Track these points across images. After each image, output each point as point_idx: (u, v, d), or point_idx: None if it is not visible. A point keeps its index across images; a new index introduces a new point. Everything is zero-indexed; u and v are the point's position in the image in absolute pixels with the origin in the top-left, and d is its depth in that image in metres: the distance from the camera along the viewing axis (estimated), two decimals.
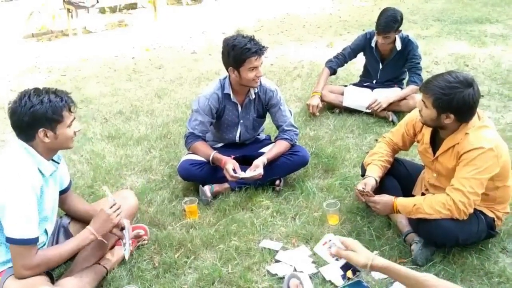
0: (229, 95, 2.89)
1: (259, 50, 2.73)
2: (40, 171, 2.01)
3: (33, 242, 1.93)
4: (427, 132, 2.40)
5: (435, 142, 2.39)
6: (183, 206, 2.78)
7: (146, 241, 2.54)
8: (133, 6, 9.33)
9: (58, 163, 2.17)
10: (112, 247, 2.40)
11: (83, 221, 2.29)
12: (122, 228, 2.27)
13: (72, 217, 2.39)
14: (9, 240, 1.91)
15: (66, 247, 2.09)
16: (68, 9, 7.36)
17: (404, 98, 3.89)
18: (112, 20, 8.54)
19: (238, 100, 2.92)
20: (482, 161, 2.12)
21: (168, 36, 7.31)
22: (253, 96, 2.93)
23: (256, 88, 2.90)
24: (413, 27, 7.13)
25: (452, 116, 2.15)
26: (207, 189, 2.87)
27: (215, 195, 2.92)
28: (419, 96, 3.84)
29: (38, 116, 1.92)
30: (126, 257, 2.31)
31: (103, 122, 4.17)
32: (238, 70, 2.76)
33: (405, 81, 4.15)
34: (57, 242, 2.29)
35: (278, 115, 3.00)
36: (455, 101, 2.09)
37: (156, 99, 4.70)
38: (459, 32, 6.85)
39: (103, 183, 3.11)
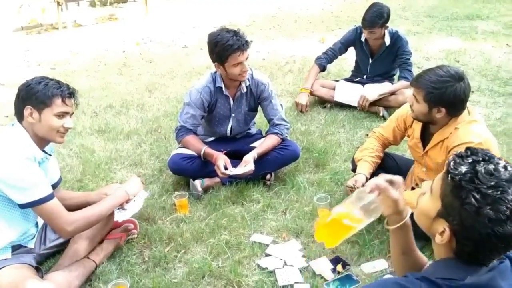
0: (221, 88, 2.87)
1: (242, 45, 2.68)
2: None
3: (51, 197, 1.99)
4: (417, 126, 2.41)
5: (425, 137, 2.40)
6: (173, 200, 2.77)
7: (135, 235, 2.52)
8: (124, 0, 9.25)
9: (50, 155, 2.16)
10: (101, 242, 2.38)
11: (73, 210, 2.27)
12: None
13: None
14: (27, 205, 1.94)
15: (103, 204, 2.20)
16: (58, 2, 7.27)
17: (394, 94, 3.90)
18: (103, 14, 8.46)
19: (229, 93, 2.91)
20: None
21: (159, 30, 7.26)
22: (245, 90, 2.91)
23: (247, 81, 2.89)
24: (405, 23, 7.16)
25: (443, 110, 2.15)
26: (197, 183, 2.86)
27: (205, 189, 2.90)
28: (409, 92, 3.88)
29: (30, 93, 1.99)
30: (116, 217, 2.31)
31: (93, 116, 4.14)
32: (223, 65, 2.75)
33: (396, 77, 4.17)
34: (45, 236, 2.28)
35: (269, 109, 2.99)
36: (447, 95, 2.09)
37: (146, 93, 4.67)
38: (450, 28, 6.89)
39: (93, 177, 3.09)
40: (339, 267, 2.24)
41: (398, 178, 1.34)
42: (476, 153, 1.09)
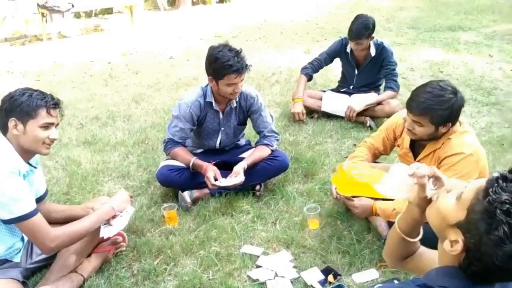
0: (211, 103, 2.86)
1: (241, 68, 2.66)
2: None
3: (35, 213, 1.95)
4: (407, 137, 2.43)
5: (414, 147, 2.42)
6: (162, 212, 2.74)
7: (124, 248, 2.49)
8: (109, 11, 9.22)
9: (35, 167, 2.12)
10: (89, 255, 2.34)
11: (58, 223, 2.23)
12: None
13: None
14: (10, 221, 1.91)
15: (88, 220, 2.14)
16: (43, 14, 7.21)
17: (380, 104, 3.94)
18: (88, 25, 8.41)
19: (219, 108, 2.90)
20: (463, 166, 2.15)
21: (145, 41, 7.24)
22: (235, 105, 2.91)
23: (237, 97, 2.88)
24: (389, 34, 7.25)
25: (449, 124, 2.17)
26: (186, 195, 2.84)
27: (194, 201, 2.88)
28: (394, 102, 3.94)
29: (14, 105, 1.96)
30: (102, 233, 2.25)
31: (78, 128, 4.09)
32: (217, 82, 2.74)
33: (381, 87, 4.21)
34: (31, 250, 2.23)
35: (259, 121, 2.99)
36: (454, 111, 2.12)
37: (133, 104, 4.64)
38: (433, 39, 7.00)
39: (80, 190, 3.05)
40: (330, 278, 2.24)
41: (446, 180, 1.22)
42: None
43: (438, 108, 2.11)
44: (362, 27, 3.73)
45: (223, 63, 2.63)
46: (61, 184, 3.17)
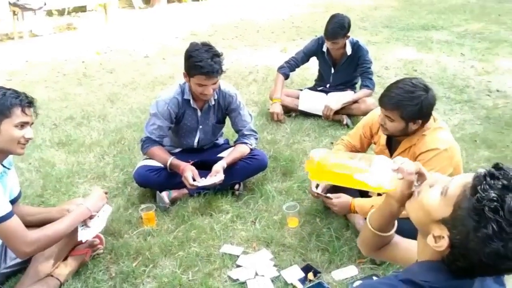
0: (189, 100, 2.83)
1: (211, 72, 2.59)
2: None
3: (10, 216, 1.89)
4: (383, 135, 2.46)
5: (391, 144, 2.46)
6: (140, 214, 2.70)
7: (101, 250, 2.44)
8: (82, 9, 9.05)
9: (8, 168, 2.07)
10: (66, 258, 2.29)
11: (33, 226, 2.17)
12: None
13: None
14: None
15: (64, 222, 2.09)
16: (14, 12, 7.03)
17: (356, 102, 3.98)
18: (61, 23, 8.24)
19: (197, 106, 2.88)
20: (437, 162, 2.19)
21: (120, 39, 7.13)
22: (213, 102, 2.89)
23: (215, 94, 2.87)
24: (363, 33, 7.33)
25: (419, 121, 2.21)
26: (164, 195, 2.81)
27: (173, 201, 2.86)
28: (370, 100, 3.99)
29: None
30: (80, 236, 2.22)
31: (52, 128, 4.00)
32: (189, 79, 2.71)
33: (357, 85, 4.26)
34: (5, 254, 2.17)
35: (238, 120, 2.98)
36: (424, 107, 2.15)
37: (108, 104, 4.57)
38: (407, 38, 7.11)
39: (54, 192, 2.98)
40: (310, 275, 2.25)
41: (428, 175, 1.21)
42: (509, 178, 0.98)
43: (407, 103, 2.15)
44: (338, 27, 3.76)
45: (194, 63, 2.60)
46: (35, 186, 3.09)
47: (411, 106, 2.14)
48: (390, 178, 1.26)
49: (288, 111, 4.16)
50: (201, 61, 2.58)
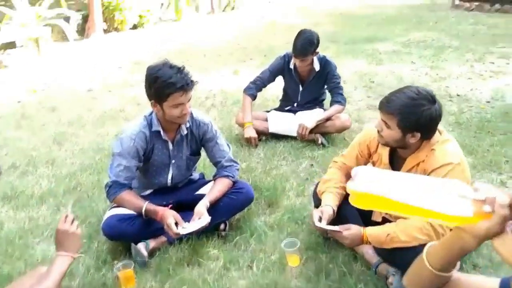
0: (159, 132, 2.48)
1: (186, 84, 2.33)
2: None
3: None
4: (384, 151, 2.24)
5: (394, 161, 2.23)
6: (115, 273, 2.28)
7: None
8: (11, 46, 8.34)
9: None
10: None
11: None
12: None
13: None
14: None
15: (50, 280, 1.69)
16: None
17: (330, 119, 3.78)
18: None
19: (168, 137, 2.53)
20: (453, 177, 1.98)
21: (57, 74, 6.59)
22: (185, 132, 2.55)
23: (188, 123, 2.54)
24: None
25: (418, 134, 2.01)
26: (142, 247, 2.41)
27: (151, 253, 2.46)
28: (344, 116, 3.81)
29: None
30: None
31: None
32: (161, 105, 2.38)
33: (325, 102, 4.07)
34: None
35: (216, 150, 2.66)
36: (423, 120, 1.95)
37: (55, 146, 4.07)
38: (355, 51, 7.13)
39: (6, 258, 2.49)
40: None
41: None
42: None
43: (406, 110, 1.96)
44: (307, 43, 3.56)
45: (164, 82, 2.29)
46: None
47: (409, 114, 1.96)
48: (466, 206, 1.02)
49: (258, 134, 3.88)
50: (171, 78, 2.28)
